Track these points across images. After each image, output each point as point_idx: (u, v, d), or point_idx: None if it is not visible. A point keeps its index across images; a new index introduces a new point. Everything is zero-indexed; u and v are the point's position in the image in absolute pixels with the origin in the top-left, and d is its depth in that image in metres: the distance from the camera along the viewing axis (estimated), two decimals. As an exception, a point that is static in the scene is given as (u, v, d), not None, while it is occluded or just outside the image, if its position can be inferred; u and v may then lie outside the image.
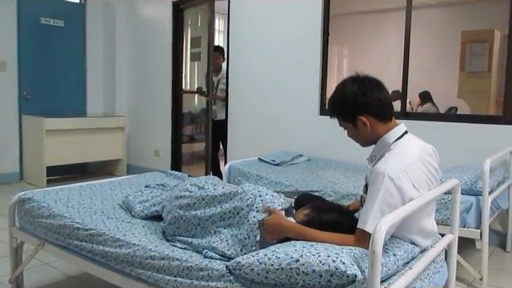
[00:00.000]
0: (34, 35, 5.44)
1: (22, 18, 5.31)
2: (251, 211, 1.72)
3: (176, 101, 5.64)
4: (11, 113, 5.31)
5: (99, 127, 5.56)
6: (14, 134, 5.34)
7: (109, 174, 5.75)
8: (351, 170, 3.54)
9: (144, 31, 5.91)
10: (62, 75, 5.74)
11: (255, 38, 4.77)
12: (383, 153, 1.65)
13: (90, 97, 6.05)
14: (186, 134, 5.95)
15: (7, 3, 5.18)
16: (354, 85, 1.69)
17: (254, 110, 4.79)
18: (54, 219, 2.22)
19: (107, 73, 6.10)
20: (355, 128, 1.69)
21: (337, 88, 1.75)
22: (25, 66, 5.38)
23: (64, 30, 5.71)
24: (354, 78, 1.72)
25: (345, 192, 2.96)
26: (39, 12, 5.47)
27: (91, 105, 6.06)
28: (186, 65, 5.70)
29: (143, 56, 5.94)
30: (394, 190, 1.51)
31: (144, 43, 5.91)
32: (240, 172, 3.64)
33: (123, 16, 6.01)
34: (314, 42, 4.32)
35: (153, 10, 5.84)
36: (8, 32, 5.21)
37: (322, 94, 4.33)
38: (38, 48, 5.50)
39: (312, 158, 4.13)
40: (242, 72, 4.89)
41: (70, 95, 5.85)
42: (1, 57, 5.18)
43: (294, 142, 4.41)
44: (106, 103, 6.15)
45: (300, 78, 4.44)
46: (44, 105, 5.51)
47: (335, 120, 1.76)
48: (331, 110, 1.75)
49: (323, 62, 4.33)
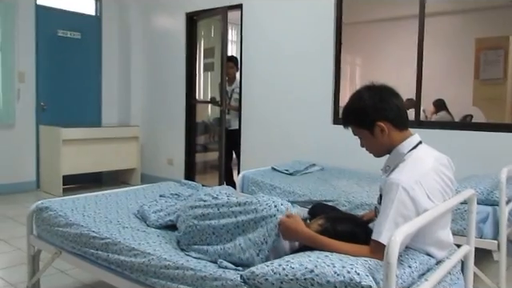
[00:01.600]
0: (51, 47, 5.55)
1: (39, 30, 5.42)
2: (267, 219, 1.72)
3: (190, 110, 5.68)
4: (29, 123, 5.41)
5: (114, 137, 5.63)
6: (31, 144, 5.43)
7: (123, 183, 5.81)
8: (365, 180, 3.52)
9: (158, 42, 5.99)
10: (78, 86, 5.84)
11: (268, 47, 4.79)
12: (397, 163, 1.64)
13: (105, 107, 6.14)
14: (200, 143, 5.98)
15: (26, 16, 5.30)
16: (371, 91, 1.69)
17: (267, 120, 4.81)
18: (70, 228, 2.25)
19: (122, 83, 6.19)
20: (372, 135, 1.68)
21: (352, 96, 1.75)
22: (42, 77, 5.49)
23: (80, 41, 5.81)
24: (370, 86, 1.72)
25: (358, 202, 2.94)
26: (57, 24, 5.59)
27: (106, 115, 6.14)
28: (199, 75, 5.75)
29: (157, 67, 6.01)
30: (408, 201, 1.50)
31: (158, 54, 5.99)
32: (253, 181, 3.65)
33: (138, 28, 6.10)
34: (327, 51, 4.32)
35: (167, 21, 5.92)
36: (27, 44, 5.33)
37: (335, 102, 4.33)
38: (55, 59, 5.61)
39: (325, 167, 4.11)
40: (255, 81, 4.91)
41: (85, 105, 5.94)
42: (21, 68, 5.30)
43: (307, 151, 4.40)
44: (120, 113, 6.23)
45: (313, 87, 4.44)
46: (60, 115, 5.61)
47: (349, 129, 1.76)
48: (346, 118, 1.75)
49: (336, 71, 4.33)
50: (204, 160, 6.09)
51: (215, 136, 5.85)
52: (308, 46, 4.47)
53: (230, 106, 5.24)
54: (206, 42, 5.85)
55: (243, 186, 3.72)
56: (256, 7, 4.88)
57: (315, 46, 4.41)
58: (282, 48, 4.67)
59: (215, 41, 5.53)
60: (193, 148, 5.76)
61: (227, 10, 5.06)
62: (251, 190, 3.61)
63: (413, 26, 3.87)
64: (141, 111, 6.18)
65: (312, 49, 4.44)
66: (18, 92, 5.28)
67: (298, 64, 4.55)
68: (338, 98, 4.33)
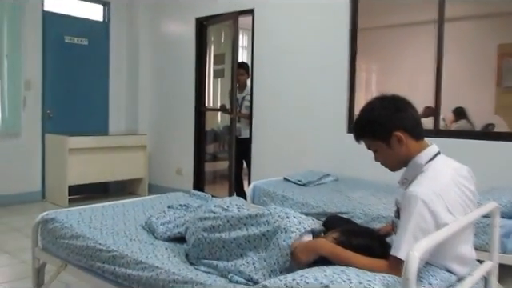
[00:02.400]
0: (58, 54, 5.64)
1: (46, 36, 5.51)
2: (278, 234, 1.72)
3: (199, 118, 5.71)
4: (35, 131, 5.47)
5: (121, 145, 5.67)
6: (37, 153, 5.50)
7: (130, 194, 5.84)
8: (382, 191, 3.49)
9: (167, 48, 6.05)
10: (85, 93, 5.92)
11: (280, 53, 4.81)
12: (415, 175, 1.64)
13: (113, 115, 6.20)
14: (209, 152, 5.99)
15: (33, 22, 5.39)
16: (385, 101, 1.69)
17: (279, 128, 4.81)
18: (76, 240, 2.26)
19: (130, 91, 6.25)
20: (388, 147, 1.68)
21: (364, 108, 1.75)
22: (48, 84, 5.56)
23: (88, 48, 5.90)
24: (382, 97, 1.72)
25: (375, 214, 2.92)
26: (64, 31, 5.68)
27: (113, 123, 6.20)
28: (209, 82, 5.79)
29: (166, 73, 6.07)
30: (427, 214, 1.49)
31: (167, 60, 6.04)
32: (265, 192, 3.64)
33: (146, 33, 6.17)
34: (342, 57, 4.33)
35: (176, 27, 5.98)
36: (33, 51, 5.41)
37: (350, 110, 4.32)
38: (62, 66, 5.69)
39: (340, 177, 4.10)
40: (267, 89, 4.93)
41: (92, 113, 6.01)
42: (27, 76, 5.37)
43: (320, 161, 4.39)
44: (128, 121, 6.28)
45: (327, 94, 4.44)
46: (67, 123, 5.68)
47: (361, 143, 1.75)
48: (360, 131, 1.74)
49: (351, 78, 4.33)
50: (213, 170, 6.10)
51: (225, 145, 5.87)
52: (322, 52, 4.48)
53: (240, 113, 5.26)
54: (216, 48, 5.88)
55: (254, 197, 3.72)
56: (268, 12, 4.91)
57: (329, 52, 4.42)
58: (295, 54, 4.69)
59: (226, 47, 5.56)
60: (202, 157, 5.78)
61: (238, 16, 5.10)
62: (262, 201, 3.60)
63: (431, 32, 3.86)
64: (149, 119, 6.23)
65: (326, 55, 4.45)
66: (24, 100, 5.35)
67: (312, 71, 4.56)
68: (353, 106, 4.32)
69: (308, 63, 4.58)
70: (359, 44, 4.31)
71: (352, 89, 4.33)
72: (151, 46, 6.19)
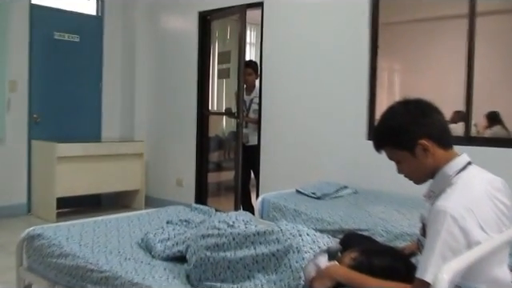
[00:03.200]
0: (46, 52, 5.70)
1: (34, 32, 5.58)
2: (290, 254, 1.72)
3: (202, 123, 5.74)
4: (20, 137, 5.52)
5: (115, 153, 5.71)
6: (22, 162, 5.53)
7: (125, 207, 5.87)
8: (406, 206, 3.48)
9: (167, 46, 6.09)
10: (76, 96, 5.98)
11: (292, 51, 4.83)
12: (443, 188, 1.63)
13: (106, 120, 6.25)
14: (213, 161, 6.01)
15: (19, 17, 5.45)
16: (408, 106, 1.70)
17: (291, 134, 4.82)
18: (65, 259, 2.28)
19: (125, 93, 6.30)
20: (413, 157, 1.68)
21: (385, 114, 1.75)
22: (36, 85, 5.62)
23: (79, 45, 5.96)
24: (405, 101, 1.73)
25: (399, 231, 2.92)
26: (53, 26, 5.75)
27: (107, 128, 6.25)
28: (213, 83, 5.81)
29: (165, 73, 6.11)
30: (457, 232, 1.49)
31: (166, 59, 6.09)
32: (275, 206, 3.65)
33: (144, 29, 6.23)
34: (361, 56, 4.33)
35: (177, 21, 6.03)
36: (19, 49, 5.46)
37: (371, 114, 4.32)
38: (51, 66, 5.75)
39: (359, 190, 4.09)
40: (277, 90, 4.94)
41: (84, 118, 6.06)
42: (12, 76, 5.42)
43: (337, 172, 4.38)
44: (123, 127, 6.33)
45: (344, 96, 4.44)
46: (55, 129, 5.73)
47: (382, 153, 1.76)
48: (381, 139, 1.75)
49: (371, 78, 4.33)
50: (218, 180, 6.12)
51: (230, 153, 5.88)
52: (339, 49, 4.49)
53: (248, 118, 5.27)
54: (221, 45, 5.92)
55: (263, 212, 3.73)
56: (279, 5, 4.93)
57: (347, 50, 4.43)
58: (309, 52, 4.70)
59: (232, 44, 5.60)
60: (205, 167, 5.80)
61: (246, 9, 5.12)
62: (272, 216, 3.61)
63: (462, 27, 3.86)
64: (146, 124, 6.27)
65: (343, 53, 4.45)
66: (8, 102, 5.39)
67: (327, 70, 4.56)
68: (374, 110, 4.32)
69: (323, 62, 4.59)
70: (381, 41, 4.31)
71: (373, 90, 4.34)
72: (149, 44, 6.24)
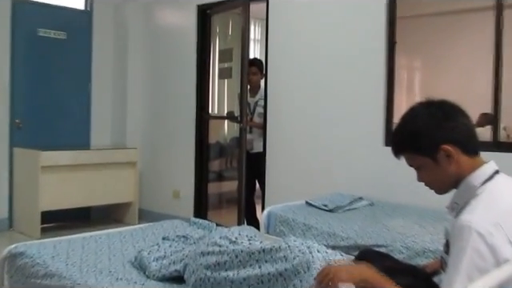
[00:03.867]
0: (30, 50, 5.74)
1: (16, 29, 5.62)
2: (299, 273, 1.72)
3: (201, 129, 5.75)
4: (0, 144, 5.53)
5: (106, 162, 5.73)
6: (2, 172, 5.56)
7: (117, 222, 5.88)
8: (428, 218, 3.48)
9: (162, 43, 6.12)
10: (63, 98, 6.00)
11: (300, 48, 4.84)
12: (468, 199, 1.63)
13: (96, 125, 6.27)
14: (214, 170, 6.02)
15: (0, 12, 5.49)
16: (431, 108, 1.70)
17: (300, 140, 4.81)
18: (51, 280, 2.28)
19: (117, 95, 6.33)
20: (435, 164, 1.68)
21: (405, 116, 1.75)
22: (18, 87, 5.65)
23: (66, 43, 6.00)
24: (428, 102, 1.73)
25: (420, 248, 2.91)
26: (37, 22, 5.79)
27: (97, 134, 6.27)
28: (213, 84, 5.83)
29: (161, 74, 6.13)
30: (484, 249, 1.48)
31: (162, 58, 6.11)
32: (282, 220, 3.65)
33: (137, 25, 6.26)
34: (377, 53, 4.33)
35: (173, 16, 6.06)
36: (0, 47, 5.50)
37: (388, 117, 4.31)
38: (35, 65, 5.79)
39: (376, 201, 4.08)
40: (285, 91, 4.94)
41: (71, 123, 6.08)
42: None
43: (351, 181, 4.38)
44: (114, 132, 6.35)
45: (359, 98, 4.44)
46: (39, 135, 5.75)
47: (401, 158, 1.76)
48: (400, 144, 1.75)
49: (389, 78, 4.33)
50: (219, 192, 6.12)
51: (233, 161, 5.89)
52: (352, 46, 4.49)
53: (252, 122, 5.28)
54: (222, 42, 5.94)
55: (269, 226, 3.73)
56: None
57: (361, 47, 4.43)
58: (320, 49, 4.71)
59: (234, 40, 5.61)
60: (205, 176, 5.80)
61: (249, 2, 5.11)
62: (279, 230, 3.61)
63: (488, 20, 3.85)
64: (140, 130, 6.29)
65: (357, 50, 4.46)
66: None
67: (340, 69, 4.56)
68: (392, 112, 4.31)
69: (335, 60, 4.59)
70: (399, 36, 4.31)
71: (390, 91, 4.33)
72: (143, 41, 6.27)
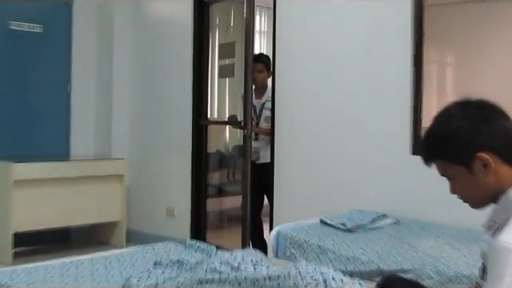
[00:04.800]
0: (1, 46, 5.76)
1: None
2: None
3: (198, 136, 5.74)
4: (-33, 156, 5.55)
5: (88, 175, 5.73)
6: (-31, 187, 5.57)
7: (101, 244, 5.87)
8: (462, 239, 3.48)
9: (153, 37, 6.14)
10: (38, 102, 6.02)
11: (314, 41, 4.84)
12: (508, 217, 1.63)
13: (76, 132, 6.27)
14: (213, 184, 6.02)
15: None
16: (467, 110, 1.70)
17: (313, 148, 4.80)
18: (25, 312, 2.30)
19: (101, 97, 6.34)
20: (469, 173, 1.68)
21: (438, 117, 1.75)
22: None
23: (42, 37, 6.02)
24: (464, 103, 1.73)
25: (452, 272, 2.90)
26: (9, 14, 5.81)
27: (77, 144, 6.28)
28: (212, 83, 5.83)
29: (152, 73, 6.15)
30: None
31: (153, 55, 6.13)
32: (293, 241, 3.64)
33: (124, 17, 6.28)
34: (401, 46, 4.33)
35: (166, 6, 6.07)
36: (-34, 43, 5.55)
37: (416, 122, 4.29)
38: (6, 63, 5.80)
39: (402, 219, 4.07)
40: (295, 92, 4.93)
41: (47, 130, 6.10)
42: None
43: (373, 196, 4.37)
44: (98, 141, 6.37)
45: (381, 99, 4.43)
46: (11, 145, 5.77)
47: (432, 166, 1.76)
48: (431, 150, 1.76)
49: (416, 75, 4.31)
50: (220, 209, 6.12)
51: (236, 173, 5.89)
52: (374, 38, 4.48)
53: (258, 128, 5.27)
54: (222, 35, 5.95)
55: (278, 249, 3.73)
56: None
57: (383, 39, 4.43)
58: (335, 42, 4.70)
59: (236, 33, 5.62)
60: (203, 191, 5.79)
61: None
62: (290, 254, 3.61)
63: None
64: (128, 138, 6.30)
65: (379, 43, 4.45)
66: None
67: (359, 66, 4.56)
68: (420, 116, 4.30)
69: (354, 55, 4.59)
70: (427, 26, 4.30)
71: (418, 91, 4.31)
72: (131, 36, 6.29)
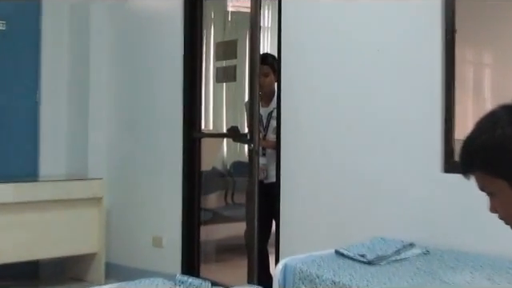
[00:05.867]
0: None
1: None
2: None
3: (190, 151, 5.75)
4: None
5: (60, 199, 5.74)
6: None
7: (76, 280, 5.89)
8: (504, 272, 3.48)
9: (136, 36, 6.18)
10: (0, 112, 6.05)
11: (327, 39, 4.85)
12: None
13: (46, 148, 6.31)
14: (209, 208, 6.02)
15: None
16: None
17: (326, 166, 4.80)
18: None
19: (75, 106, 6.38)
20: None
21: (482, 121, 1.77)
22: None
23: (5, 35, 6.07)
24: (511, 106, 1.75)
25: (493, 312, 2.91)
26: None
27: (47, 161, 6.31)
28: (207, 89, 5.85)
29: (136, 77, 6.17)
30: None
31: (136, 56, 6.17)
32: (303, 276, 3.64)
33: (102, 12, 6.32)
34: (430, 44, 4.34)
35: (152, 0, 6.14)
36: None
37: (447, 134, 4.29)
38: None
39: (432, 248, 4.07)
40: (305, 99, 4.93)
41: (12, 146, 6.14)
42: None
43: (398, 222, 4.37)
44: (71, 158, 6.39)
45: (404, 107, 4.43)
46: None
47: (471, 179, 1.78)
48: (470, 159, 1.76)
49: (447, 77, 4.30)
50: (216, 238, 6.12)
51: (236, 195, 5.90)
52: (397, 36, 4.49)
53: (266, 141, 5.25)
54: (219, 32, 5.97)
55: (285, 284, 3.72)
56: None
57: (410, 37, 4.43)
58: (352, 40, 4.71)
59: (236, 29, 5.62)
60: (196, 217, 5.79)
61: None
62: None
63: None
64: (106, 154, 6.32)
65: (404, 41, 4.46)
66: None
67: (380, 68, 4.56)
68: (452, 125, 4.29)
69: (374, 56, 4.59)
70: (460, 22, 4.31)
71: (449, 96, 4.30)
72: (111, 34, 6.34)
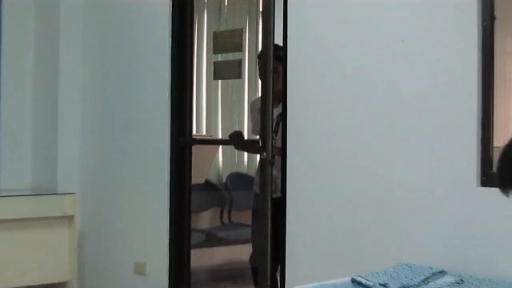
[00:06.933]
0: None
1: None
2: None
3: (179, 160, 5.78)
4: None
5: (24, 217, 5.79)
6: None
7: (43, 315, 5.91)
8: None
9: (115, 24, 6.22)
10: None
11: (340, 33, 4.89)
12: None
13: (7, 158, 6.35)
14: (201, 228, 6.04)
15: None
16: None
17: (340, 177, 4.83)
18: None
19: (42, 110, 6.41)
20: None
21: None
22: None
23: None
24: None
25: None
26: None
27: (9, 173, 6.34)
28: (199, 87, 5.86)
29: (114, 74, 6.22)
30: None
31: (115, 47, 6.21)
32: (315, 309, 3.69)
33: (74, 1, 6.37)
34: (464, 34, 4.34)
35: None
36: None
37: (485, 141, 4.30)
38: None
39: (466, 277, 4.08)
40: (315, 99, 4.97)
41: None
42: None
43: (426, 246, 4.39)
44: (38, 169, 6.42)
45: (433, 109, 4.44)
46: None
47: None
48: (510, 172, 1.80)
49: (485, 73, 4.29)
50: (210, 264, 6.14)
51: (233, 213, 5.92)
52: (424, 25, 4.50)
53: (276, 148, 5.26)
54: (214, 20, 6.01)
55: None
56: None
57: (437, 24, 4.45)
58: (371, 30, 4.73)
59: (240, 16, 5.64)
60: (186, 240, 5.81)
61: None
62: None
63: None
64: (79, 165, 6.34)
65: (433, 31, 4.48)
66: None
67: (404, 62, 4.58)
68: (491, 131, 4.30)
69: (397, 48, 4.61)
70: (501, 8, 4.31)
71: (488, 95, 4.31)
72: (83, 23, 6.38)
